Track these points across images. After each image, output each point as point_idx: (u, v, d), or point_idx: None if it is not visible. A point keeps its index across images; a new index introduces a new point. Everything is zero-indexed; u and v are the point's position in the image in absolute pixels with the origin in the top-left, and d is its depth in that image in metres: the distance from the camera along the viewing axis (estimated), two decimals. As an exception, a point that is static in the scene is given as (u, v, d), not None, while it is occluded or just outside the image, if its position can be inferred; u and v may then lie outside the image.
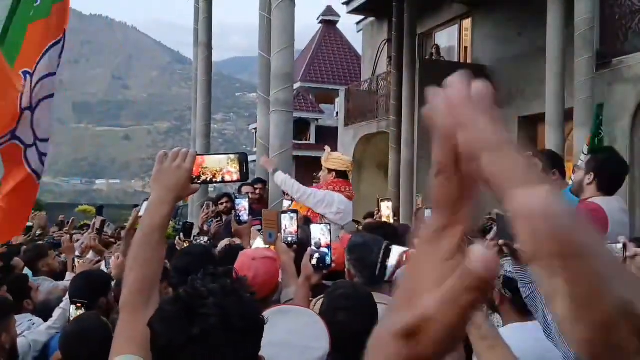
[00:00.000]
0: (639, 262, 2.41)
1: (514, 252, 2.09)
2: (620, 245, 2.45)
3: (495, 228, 2.15)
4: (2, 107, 3.65)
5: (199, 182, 1.72)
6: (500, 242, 2.08)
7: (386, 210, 4.68)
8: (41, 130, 3.84)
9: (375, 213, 4.86)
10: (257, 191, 6.96)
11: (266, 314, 1.70)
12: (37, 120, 3.80)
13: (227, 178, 1.72)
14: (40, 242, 5.75)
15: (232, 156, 1.73)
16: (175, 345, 1.21)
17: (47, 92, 3.86)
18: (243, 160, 1.73)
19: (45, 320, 3.57)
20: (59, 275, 4.84)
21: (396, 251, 1.45)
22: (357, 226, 5.39)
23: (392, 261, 1.49)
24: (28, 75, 3.75)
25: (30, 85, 3.76)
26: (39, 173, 3.91)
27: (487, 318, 1.57)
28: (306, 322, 1.69)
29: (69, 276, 4.41)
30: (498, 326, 3.21)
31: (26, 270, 4.65)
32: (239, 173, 1.72)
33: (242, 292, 1.29)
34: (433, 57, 16.23)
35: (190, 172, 1.67)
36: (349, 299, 2.22)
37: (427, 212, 4.16)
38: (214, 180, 1.73)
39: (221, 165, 1.72)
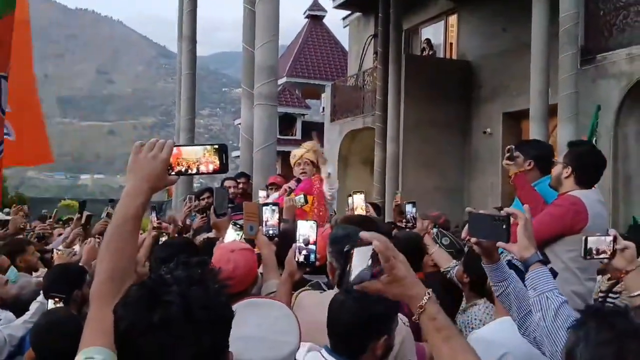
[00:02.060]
0: (628, 255, 2.39)
1: (484, 250, 2.06)
2: (610, 238, 2.43)
3: (466, 226, 2.11)
4: None
5: (174, 173, 1.67)
6: (473, 240, 2.04)
7: (360, 202, 4.48)
8: None
9: (346, 208, 4.74)
10: (241, 185, 6.91)
11: (236, 306, 1.66)
12: None
13: (203, 169, 1.67)
14: (18, 237, 5.65)
15: (208, 147, 1.68)
16: (135, 330, 1.18)
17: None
18: (223, 151, 1.67)
19: (17, 315, 3.51)
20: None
21: (362, 253, 1.35)
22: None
23: (357, 265, 1.37)
24: (3, 80, 3.74)
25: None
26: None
27: (439, 309, 1.51)
28: (277, 316, 1.65)
29: (41, 271, 4.34)
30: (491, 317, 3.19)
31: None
32: (217, 164, 1.67)
33: (210, 282, 1.25)
34: (424, 51, 16.24)
35: (166, 162, 1.63)
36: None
37: (409, 207, 4.13)
38: (189, 171, 1.68)
39: (197, 156, 1.67)
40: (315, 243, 2.78)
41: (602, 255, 2.46)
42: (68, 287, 3.14)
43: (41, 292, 3.55)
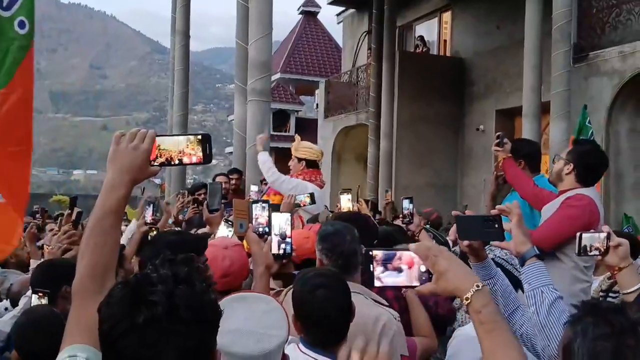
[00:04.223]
0: (621, 252, 2.38)
1: (472, 250, 2.08)
2: (603, 235, 2.43)
3: (453, 228, 2.13)
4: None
5: (157, 164, 1.61)
6: (466, 243, 2.06)
7: (347, 203, 4.49)
8: None
9: (336, 206, 4.70)
10: (233, 181, 6.90)
11: (224, 300, 1.66)
12: None
13: (186, 160, 1.62)
14: None
15: (191, 137, 1.63)
16: (117, 331, 1.15)
17: None
18: (206, 141, 1.63)
19: None
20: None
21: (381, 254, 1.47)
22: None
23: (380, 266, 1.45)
24: None
25: None
26: None
27: (488, 302, 1.49)
28: (264, 309, 1.65)
29: (34, 263, 4.31)
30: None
31: None
32: (200, 155, 1.62)
33: (196, 281, 1.21)
34: (418, 48, 16.24)
35: (147, 153, 1.58)
36: (324, 277, 2.22)
37: (406, 203, 4.09)
38: (172, 162, 1.63)
39: (180, 147, 1.62)
40: (291, 237, 2.80)
41: (594, 252, 2.46)
42: (55, 282, 3.09)
43: (30, 287, 3.53)
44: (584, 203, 3.33)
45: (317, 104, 21.67)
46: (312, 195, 4.65)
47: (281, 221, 2.82)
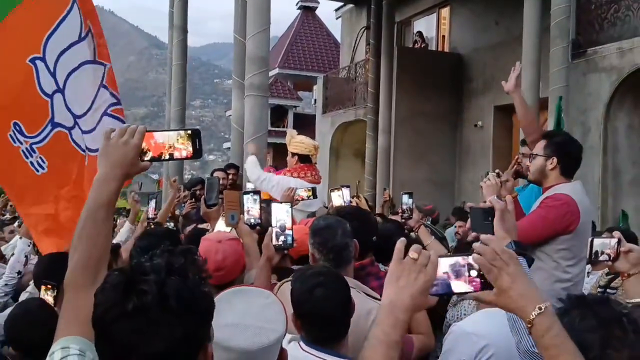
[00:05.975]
0: (632, 258, 2.34)
1: None
2: (614, 241, 2.40)
3: (469, 220, 2.14)
4: (24, 105, 3.37)
5: (147, 159, 1.64)
6: (473, 235, 2.05)
7: (337, 199, 4.45)
8: (77, 106, 3.56)
9: (330, 203, 4.66)
10: (230, 176, 6.90)
11: (223, 294, 1.66)
12: (70, 99, 3.51)
13: (176, 155, 1.65)
14: None
15: (182, 132, 1.66)
16: (109, 317, 1.16)
17: (74, 63, 3.56)
18: (196, 136, 1.65)
19: None
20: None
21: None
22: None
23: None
24: (38, 61, 3.49)
25: (48, 69, 3.52)
26: (91, 149, 3.63)
27: (551, 326, 1.36)
28: (263, 304, 1.65)
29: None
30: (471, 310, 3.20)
31: None
32: (190, 150, 1.64)
33: (189, 272, 1.22)
34: (416, 44, 16.23)
35: (138, 148, 1.61)
36: (322, 275, 2.22)
37: (405, 198, 4.07)
38: (162, 157, 1.65)
39: (170, 142, 1.64)
40: (291, 228, 2.79)
41: (604, 257, 2.42)
42: (58, 275, 3.09)
43: (31, 282, 3.53)
44: (561, 204, 3.21)
45: (315, 100, 21.65)
46: (313, 190, 4.60)
47: (281, 212, 2.81)
